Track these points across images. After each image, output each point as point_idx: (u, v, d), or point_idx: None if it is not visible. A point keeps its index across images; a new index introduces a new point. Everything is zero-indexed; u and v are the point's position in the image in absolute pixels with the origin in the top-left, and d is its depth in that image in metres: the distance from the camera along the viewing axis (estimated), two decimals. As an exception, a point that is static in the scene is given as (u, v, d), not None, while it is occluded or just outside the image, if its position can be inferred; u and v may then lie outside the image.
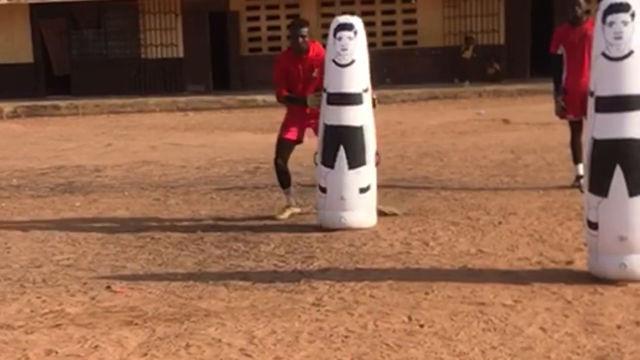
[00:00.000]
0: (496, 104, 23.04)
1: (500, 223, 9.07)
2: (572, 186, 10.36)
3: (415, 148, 15.16)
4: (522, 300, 6.46)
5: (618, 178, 6.58)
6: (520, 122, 18.24)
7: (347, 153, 8.90)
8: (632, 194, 6.57)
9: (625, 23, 6.61)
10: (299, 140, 9.89)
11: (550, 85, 10.88)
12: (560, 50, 10.39)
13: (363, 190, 9.01)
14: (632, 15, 6.63)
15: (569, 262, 7.47)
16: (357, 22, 8.98)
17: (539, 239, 8.35)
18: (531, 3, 27.67)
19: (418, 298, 6.62)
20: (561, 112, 10.56)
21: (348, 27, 8.88)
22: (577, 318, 6.05)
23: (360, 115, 8.94)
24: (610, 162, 6.60)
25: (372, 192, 9.16)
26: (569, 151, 10.73)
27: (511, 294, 6.61)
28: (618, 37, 6.61)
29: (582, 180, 7.92)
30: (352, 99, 8.88)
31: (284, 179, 9.92)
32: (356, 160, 8.93)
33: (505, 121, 18.77)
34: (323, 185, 9.11)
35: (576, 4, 10.29)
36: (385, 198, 10.45)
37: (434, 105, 23.91)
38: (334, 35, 8.89)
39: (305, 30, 9.53)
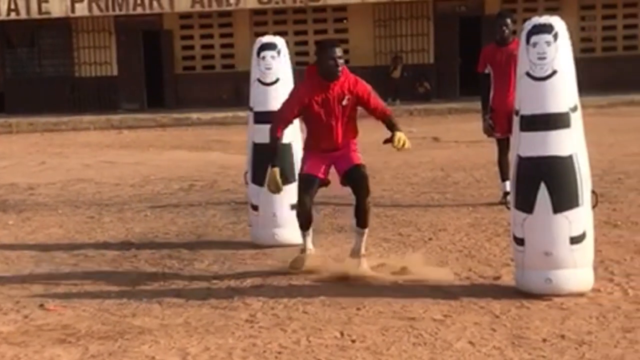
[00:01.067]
0: (427, 122, 23.24)
1: (430, 239, 9.22)
2: (500, 203, 10.51)
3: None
4: (451, 315, 6.58)
5: (543, 195, 6.74)
6: (450, 140, 18.47)
7: None
8: (556, 210, 6.74)
9: (548, 44, 6.79)
10: (325, 180, 8.18)
11: (478, 104, 11.08)
12: (488, 70, 10.59)
13: (294, 207, 9.10)
14: (555, 36, 6.82)
15: (497, 277, 7.61)
16: (280, 41, 9.17)
17: (468, 254, 8.49)
18: (459, 23, 28.03)
19: (350, 314, 6.71)
20: (489, 131, 10.75)
21: (271, 46, 9.07)
22: (505, 332, 6.17)
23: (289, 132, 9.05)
24: (535, 179, 6.77)
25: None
26: (496, 168, 10.91)
27: (441, 309, 6.73)
28: (541, 58, 6.79)
29: (509, 197, 8.09)
30: None
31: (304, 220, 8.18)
32: (287, 176, 9.03)
33: (436, 139, 18.98)
34: (255, 203, 9.20)
35: (503, 24, 10.49)
36: (319, 215, 10.55)
37: (365, 123, 23.97)
38: (258, 55, 9.09)
39: (339, 52, 7.84)
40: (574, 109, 6.81)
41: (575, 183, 6.75)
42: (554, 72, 6.77)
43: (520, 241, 6.94)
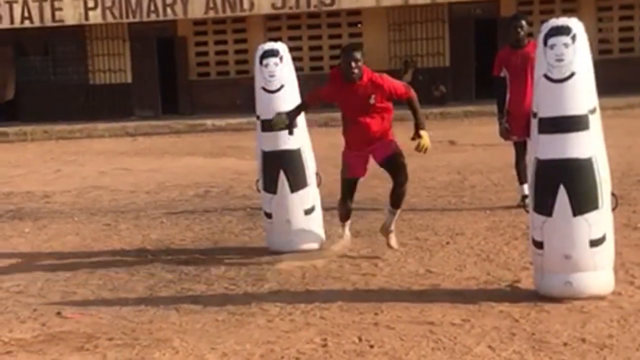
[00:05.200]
0: (442, 125, 23.13)
1: (448, 243, 9.19)
2: (518, 206, 10.47)
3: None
4: (470, 319, 6.56)
5: (562, 198, 6.71)
6: (467, 144, 18.42)
7: (288, 177, 9.01)
8: (575, 213, 6.70)
9: (566, 45, 6.75)
10: (363, 174, 9.04)
11: (494, 107, 11.01)
12: (503, 73, 10.55)
13: (308, 212, 9.12)
14: (573, 38, 6.78)
15: (516, 281, 7.58)
16: (282, 47, 9.14)
17: (486, 258, 8.46)
18: (475, 26, 27.99)
19: (368, 319, 6.69)
20: (505, 134, 10.70)
21: (273, 53, 9.03)
22: (525, 336, 6.15)
23: (298, 138, 9.07)
24: (554, 182, 6.73)
25: (318, 213, 9.26)
26: (514, 172, 10.87)
27: (459, 313, 6.71)
28: (559, 60, 6.75)
29: (527, 200, 8.06)
30: None
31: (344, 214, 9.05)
32: (297, 183, 9.04)
33: (452, 143, 18.93)
34: (268, 210, 9.20)
35: (518, 27, 10.45)
36: (335, 219, 10.54)
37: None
38: (260, 62, 9.04)
39: (358, 54, 8.50)
40: (593, 111, 6.77)
41: (595, 185, 6.71)
42: (572, 74, 6.73)
43: (539, 244, 6.91)
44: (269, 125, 8.67)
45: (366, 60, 8.72)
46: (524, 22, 10.53)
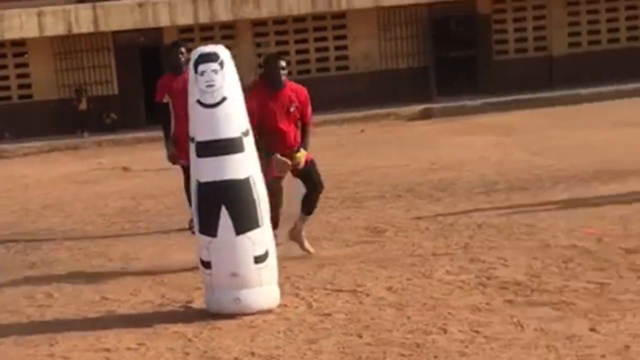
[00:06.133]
0: (115, 152, 23.13)
1: (123, 268, 9.29)
2: (188, 228, 10.71)
3: (39, 200, 15.05)
4: (145, 343, 6.70)
5: (224, 218, 7.00)
6: (139, 169, 18.50)
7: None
8: (238, 232, 7.02)
9: (215, 72, 7.08)
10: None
11: (162, 133, 11.22)
12: (166, 99, 10.74)
13: None
14: (221, 65, 7.11)
15: (189, 301, 7.79)
16: None
17: (160, 281, 8.61)
18: (140, 54, 28.14)
19: (43, 350, 6.70)
20: (173, 158, 10.87)
21: None
22: (198, 354, 6.37)
23: None
24: (216, 203, 7.02)
25: None
26: (184, 195, 11.09)
27: (135, 338, 6.84)
28: (210, 85, 7.07)
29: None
30: None
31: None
32: None
33: (125, 169, 18.97)
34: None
35: (179, 52, 10.68)
36: (10, 252, 10.41)
37: (56, 157, 23.69)
38: None
39: (284, 63, 8.86)
40: (246, 134, 7.13)
41: (254, 204, 7.07)
42: (224, 99, 7.07)
43: (207, 264, 7.17)
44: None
45: (35, 91, 8.68)
46: (183, 49, 10.76)
